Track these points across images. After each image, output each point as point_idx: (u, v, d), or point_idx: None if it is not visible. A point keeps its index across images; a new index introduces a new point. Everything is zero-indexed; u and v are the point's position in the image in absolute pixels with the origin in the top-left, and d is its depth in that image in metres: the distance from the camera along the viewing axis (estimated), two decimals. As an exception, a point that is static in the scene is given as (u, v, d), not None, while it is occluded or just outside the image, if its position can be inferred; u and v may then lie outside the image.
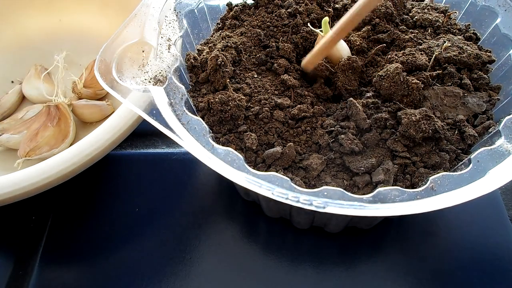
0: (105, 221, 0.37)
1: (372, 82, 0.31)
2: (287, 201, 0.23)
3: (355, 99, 0.29)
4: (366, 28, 0.34)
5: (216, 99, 0.29)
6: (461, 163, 0.27)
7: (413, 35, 0.34)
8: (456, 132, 0.28)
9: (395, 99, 0.29)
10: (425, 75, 0.30)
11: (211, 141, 0.26)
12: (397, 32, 0.34)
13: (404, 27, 0.35)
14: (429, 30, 0.35)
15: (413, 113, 0.27)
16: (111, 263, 0.34)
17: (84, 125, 0.42)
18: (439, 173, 0.25)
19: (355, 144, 0.27)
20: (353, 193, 0.24)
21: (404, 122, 0.27)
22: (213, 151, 0.25)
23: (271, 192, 0.23)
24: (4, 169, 0.37)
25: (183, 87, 0.29)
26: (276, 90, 0.31)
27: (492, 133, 0.28)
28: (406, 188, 0.25)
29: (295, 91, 0.31)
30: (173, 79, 0.29)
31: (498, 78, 0.32)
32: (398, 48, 0.33)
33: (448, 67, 0.31)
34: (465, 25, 0.35)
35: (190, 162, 0.40)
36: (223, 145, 0.26)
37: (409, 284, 0.32)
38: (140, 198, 0.38)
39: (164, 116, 0.26)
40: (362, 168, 0.27)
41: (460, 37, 0.33)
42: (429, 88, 0.30)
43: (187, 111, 0.27)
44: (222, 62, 0.30)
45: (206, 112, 0.29)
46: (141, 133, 0.43)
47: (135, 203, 0.38)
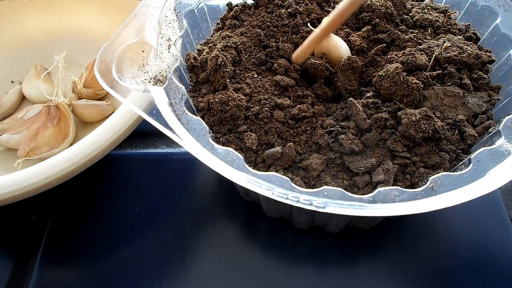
0: (105, 221, 0.37)
1: (372, 82, 0.31)
2: (287, 201, 0.23)
3: (355, 99, 0.29)
4: (366, 28, 0.34)
5: (216, 99, 0.29)
6: (461, 163, 0.27)
7: (413, 35, 0.34)
8: (456, 132, 0.28)
9: (395, 99, 0.29)
10: (425, 75, 0.30)
11: (211, 141, 0.26)
12: (397, 32, 0.34)
13: (404, 27, 0.35)
14: (429, 30, 0.35)
15: (413, 113, 0.27)
16: (111, 263, 0.34)
17: (84, 125, 0.42)
18: (439, 173, 0.25)
19: (355, 144, 0.27)
20: (353, 193, 0.24)
21: (404, 122, 0.27)
22: (213, 151, 0.25)
23: (271, 192, 0.23)
24: (4, 169, 0.37)
25: (183, 87, 0.29)
26: (276, 90, 0.31)
27: (492, 133, 0.28)
28: (406, 188, 0.25)
29: (295, 91, 0.31)
30: (173, 79, 0.29)
31: (498, 78, 0.32)
32: (398, 48, 0.33)
33: (448, 67, 0.31)
34: (465, 25, 0.35)
35: (190, 162, 0.40)
36: (223, 145, 0.26)
37: (409, 284, 0.32)
38: (140, 198, 0.38)
39: (164, 116, 0.26)
40: (362, 168, 0.27)
41: (460, 37, 0.33)
42: (429, 88, 0.30)
43: (187, 111, 0.27)
44: (222, 62, 0.30)
45: (206, 112, 0.29)
46: (141, 133, 0.43)
47: (135, 203, 0.38)
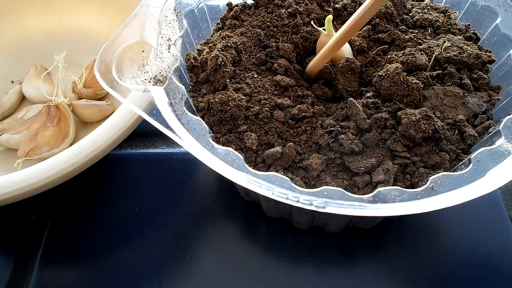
0: (105, 221, 0.37)
1: (372, 82, 0.31)
2: (287, 201, 0.23)
3: (355, 99, 0.29)
4: (366, 28, 0.34)
5: (216, 99, 0.29)
6: (461, 163, 0.27)
7: (413, 35, 0.34)
8: (456, 132, 0.28)
9: (395, 99, 0.29)
10: (425, 75, 0.30)
11: (211, 141, 0.26)
12: (397, 32, 0.34)
13: (404, 27, 0.35)
14: (429, 30, 0.35)
15: (413, 113, 0.27)
16: (111, 263, 0.34)
17: (84, 125, 0.42)
18: (439, 173, 0.25)
19: (355, 144, 0.27)
20: (353, 193, 0.24)
21: (404, 122, 0.27)
22: (213, 151, 0.25)
23: (271, 192, 0.23)
24: (4, 169, 0.37)
25: (183, 87, 0.29)
26: (276, 90, 0.31)
27: (492, 133, 0.28)
28: (406, 188, 0.25)
29: (295, 91, 0.31)
30: (173, 79, 0.29)
31: (498, 78, 0.32)
32: (398, 48, 0.33)
33: (448, 67, 0.31)
34: (465, 25, 0.35)
35: (190, 162, 0.40)
36: (223, 145, 0.26)
37: (409, 284, 0.32)
38: (140, 198, 0.38)
39: (164, 116, 0.26)
40: (362, 168, 0.27)
41: (460, 37, 0.33)
42: (429, 88, 0.30)
43: (187, 111, 0.27)
44: (222, 62, 0.30)
45: (206, 112, 0.29)
46: (141, 133, 0.43)
47: (135, 203, 0.38)
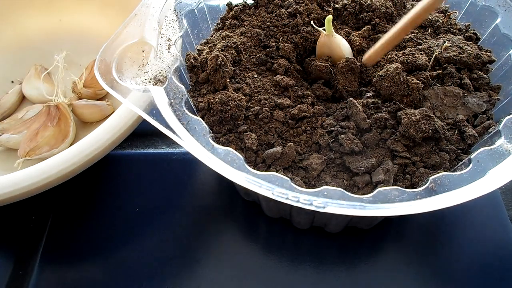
0: (105, 221, 0.37)
1: (372, 82, 0.31)
2: (287, 201, 0.23)
3: (355, 99, 0.29)
4: (366, 28, 0.34)
5: (216, 99, 0.29)
6: (461, 163, 0.27)
7: (413, 35, 0.34)
8: (456, 132, 0.28)
9: (395, 99, 0.29)
10: (425, 75, 0.30)
11: (211, 141, 0.26)
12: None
13: (404, 27, 0.35)
14: (429, 30, 0.35)
15: (413, 113, 0.27)
16: (111, 263, 0.34)
17: (84, 125, 0.42)
18: (439, 173, 0.25)
19: (355, 144, 0.27)
20: (353, 193, 0.24)
21: (404, 122, 0.27)
22: (213, 151, 0.25)
23: (271, 192, 0.23)
24: (4, 169, 0.37)
25: (183, 87, 0.29)
26: (276, 90, 0.31)
27: (492, 133, 0.28)
28: (406, 188, 0.25)
29: (295, 91, 0.31)
30: (173, 79, 0.29)
31: (498, 78, 0.32)
32: (398, 48, 0.33)
33: (448, 67, 0.31)
34: (465, 25, 0.35)
35: (190, 162, 0.40)
36: (223, 145, 0.26)
37: (409, 284, 0.32)
38: (140, 198, 0.38)
39: (164, 116, 0.26)
40: (362, 168, 0.27)
41: (460, 37, 0.33)
42: (429, 88, 0.30)
43: (187, 111, 0.27)
44: (222, 62, 0.30)
45: (206, 112, 0.29)
46: (141, 133, 0.43)
47: (135, 203, 0.38)
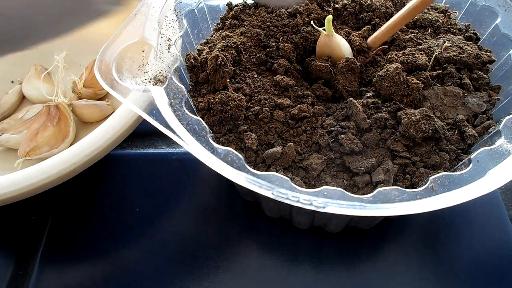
0: (105, 221, 0.37)
1: (372, 82, 0.31)
2: (287, 201, 0.23)
3: (355, 99, 0.29)
4: (366, 28, 0.34)
5: (216, 99, 0.29)
6: (461, 163, 0.27)
7: (413, 35, 0.34)
8: (456, 132, 0.28)
9: (395, 99, 0.29)
10: (425, 75, 0.30)
11: (211, 141, 0.26)
12: (397, 32, 0.34)
13: (404, 27, 0.35)
14: (429, 30, 0.35)
15: (413, 113, 0.27)
16: (111, 263, 0.34)
17: (84, 125, 0.42)
18: (439, 173, 0.25)
19: (355, 144, 0.27)
20: (353, 193, 0.24)
21: (404, 122, 0.27)
22: (213, 151, 0.25)
23: (271, 192, 0.23)
24: (4, 169, 0.37)
25: (183, 87, 0.29)
26: (276, 90, 0.31)
27: (492, 133, 0.28)
28: (406, 188, 0.25)
29: (295, 91, 0.31)
30: (173, 79, 0.29)
31: (498, 78, 0.32)
32: (398, 48, 0.33)
33: (448, 67, 0.31)
34: (465, 25, 0.35)
35: (190, 162, 0.40)
36: (223, 145, 0.26)
37: (409, 284, 0.32)
38: (140, 198, 0.38)
39: (164, 116, 0.26)
40: (362, 168, 0.27)
41: (460, 37, 0.33)
42: (429, 88, 0.30)
43: (187, 111, 0.27)
44: (222, 62, 0.30)
45: (206, 112, 0.29)
46: (141, 133, 0.43)
47: (135, 203, 0.38)
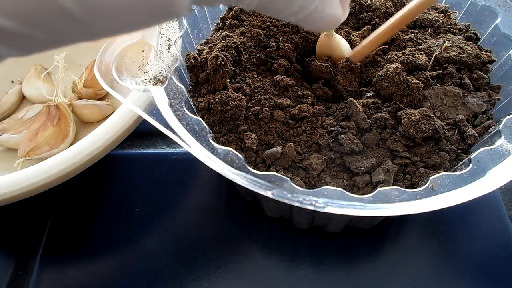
0: (105, 221, 0.37)
1: (372, 82, 0.31)
2: (287, 201, 0.23)
3: (355, 99, 0.29)
4: (366, 28, 0.34)
5: (216, 99, 0.29)
6: (461, 163, 0.27)
7: (413, 35, 0.34)
8: (456, 132, 0.28)
9: (395, 99, 0.29)
10: (425, 75, 0.30)
11: (211, 141, 0.26)
12: (397, 32, 0.34)
13: (404, 27, 0.35)
14: (429, 30, 0.35)
15: (413, 113, 0.27)
16: (111, 263, 0.34)
17: (84, 125, 0.42)
18: (439, 173, 0.25)
19: (355, 144, 0.27)
20: (353, 193, 0.24)
21: (404, 122, 0.27)
22: (213, 151, 0.25)
23: (271, 192, 0.23)
24: (4, 169, 0.37)
25: (183, 87, 0.29)
26: (276, 90, 0.31)
27: (492, 133, 0.28)
28: (406, 188, 0.25)
29: (295, 91, 0.31)
30: (173, 79, 0.29)
31: (498, 78, 0.32)
32: (398, 48, 0.33)
33: (448, 67, 0.31)
34: (465, 25, 0.35)
35: (190, 162, 0.40)
36: (223, 145, 0.26)
37: (409, 284, 0.32)
38: (140, 198, 0.38)
39: (164, 116, 0.26)
40: (362, 168, 0.27)
41: (460, 37, 0.33)
42: (429, 88, 0.30)
43: (187, 111, 0.27)
44: (222, 62, 0.30)
45: (206, 112, 0.29)
46: (141, 133, 0.43)
47: (135, 203, 0.38)
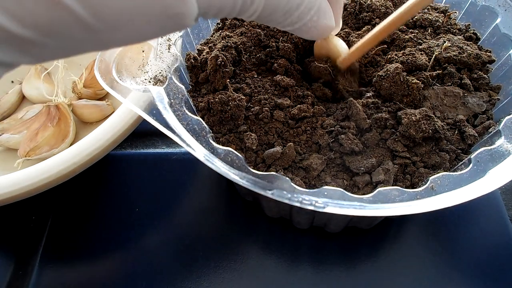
0: (105, 221, 0.37)
1: (372, 82, 0.31)
2: (287, 201, 0.23)
3: (355, 99, 0.29)
4: (366, 28, 0.34)
5: (216, 99, 0.29)
6: (461, 163, 0.27)
7: (413, 35, 0.34)
8: (456, 132, 0.28)
9: (395, 99, 0.29)
10: (425, 75, 0.30)
11: (211, 141, 0.26)
12: (397, 32, 0.34)
13: (404, 27, 0.35)
14: (429, 30, 0.35)
15: (413, 113, 0.27)
16: (111, 263, 0.34)
17: (84, 125, 0.42)
18: (439, 173, 0.25)
19: (355, 144, 0.27)
20: (353, 193, 0.24)
21: (404, 122, 0.27)
22: (213, 151, 0.25)
23: (271, 192, 0.23)
24: (4, 169, 0.37)
25: (183, 87, 0.29)
26: (276, 90, 0.31)
27: (492, 133, 0.28)
28: (406, 188, 0.25)
29: (295, 91, 0.31)
30: (173, 79, 0.29)
31: (498, 78, 0.32)
32: (398, 48, 0.33)
33: (448, 67, 0.31)
34: (465, 25, 0.35)
35: (190, 162, 0.40)
36: (223, 145, 0.26)
37: (409, 284, 0.32)
38: (140, 198, 0.38)
39: (164, 116, 0.26)
40: (362, 168, 0.27)
41: (460, 37, 0.33)
42: (429, 88, 0.30)
43: (187, 111, 0.27)
44: (222, 62, 0.30)
45: (206, 112, 0.29)
46: (141, 133, 0.43)
47: (135, 203, 0.38)
